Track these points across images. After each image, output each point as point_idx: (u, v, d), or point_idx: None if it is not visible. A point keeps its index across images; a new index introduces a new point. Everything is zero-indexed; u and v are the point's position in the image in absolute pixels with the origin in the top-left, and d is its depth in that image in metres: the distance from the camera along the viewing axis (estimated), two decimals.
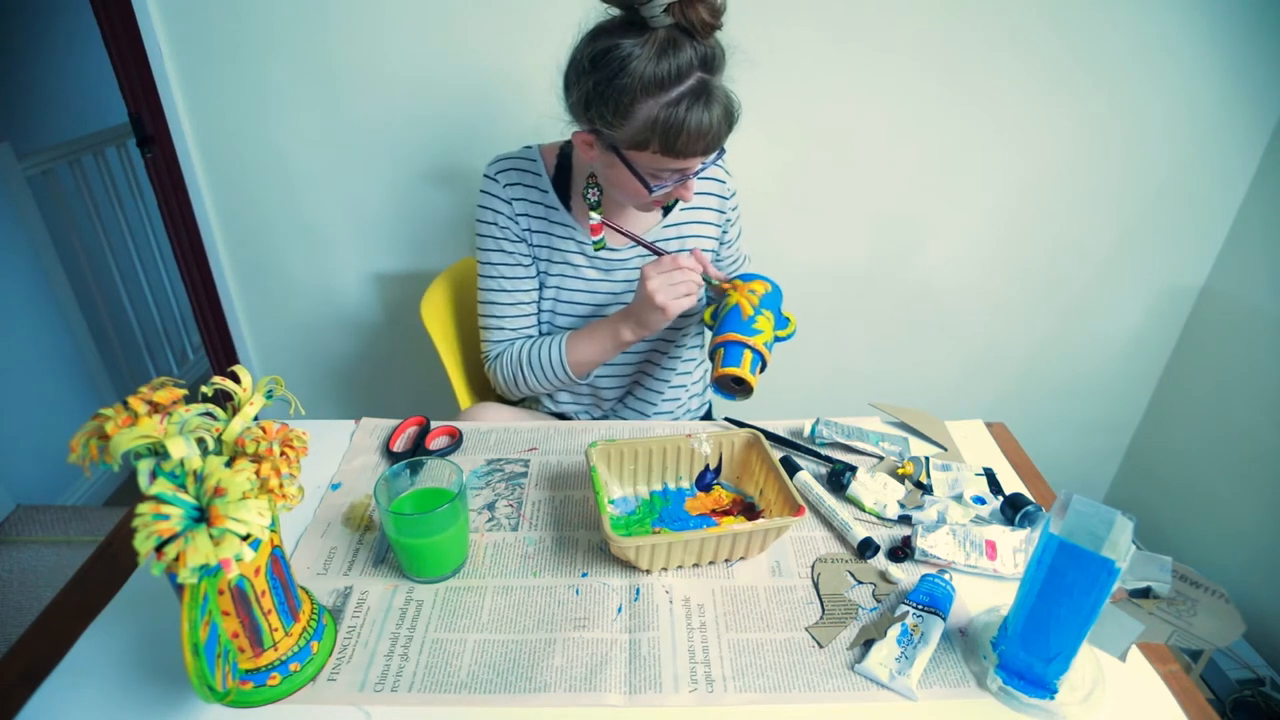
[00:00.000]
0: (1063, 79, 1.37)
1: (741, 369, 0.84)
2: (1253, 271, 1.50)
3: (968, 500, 0.80)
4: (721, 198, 1.06)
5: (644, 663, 0.62)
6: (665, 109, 0.78)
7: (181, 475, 0.49)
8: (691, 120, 0.78)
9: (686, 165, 0.84)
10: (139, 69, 1.36)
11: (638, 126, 0.79)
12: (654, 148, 0.81)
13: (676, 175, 0.85)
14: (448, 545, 0.68)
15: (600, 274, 1.01)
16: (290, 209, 1.49)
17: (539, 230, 0.99)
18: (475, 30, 1.31)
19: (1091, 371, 1.71)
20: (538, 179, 0.98)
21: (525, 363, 0.99)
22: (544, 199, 0.98)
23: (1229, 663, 1.37)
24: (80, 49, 2.49)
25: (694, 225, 1.04)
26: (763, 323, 0.88)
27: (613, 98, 0.79)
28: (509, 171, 0.98)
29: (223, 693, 0.50)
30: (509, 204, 0.98)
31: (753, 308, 0.88)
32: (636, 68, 0.77)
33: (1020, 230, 1.53)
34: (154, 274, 2.48)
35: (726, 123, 0.81)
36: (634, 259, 1.02)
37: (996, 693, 0.60)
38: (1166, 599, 0.53)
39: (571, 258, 1.00)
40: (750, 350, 0.85)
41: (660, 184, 0.86)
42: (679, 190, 0.89)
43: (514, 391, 1.04)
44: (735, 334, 0.86)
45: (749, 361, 0.85)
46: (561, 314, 1.03)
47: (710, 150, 0.83)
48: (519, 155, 1.00)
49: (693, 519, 0.76)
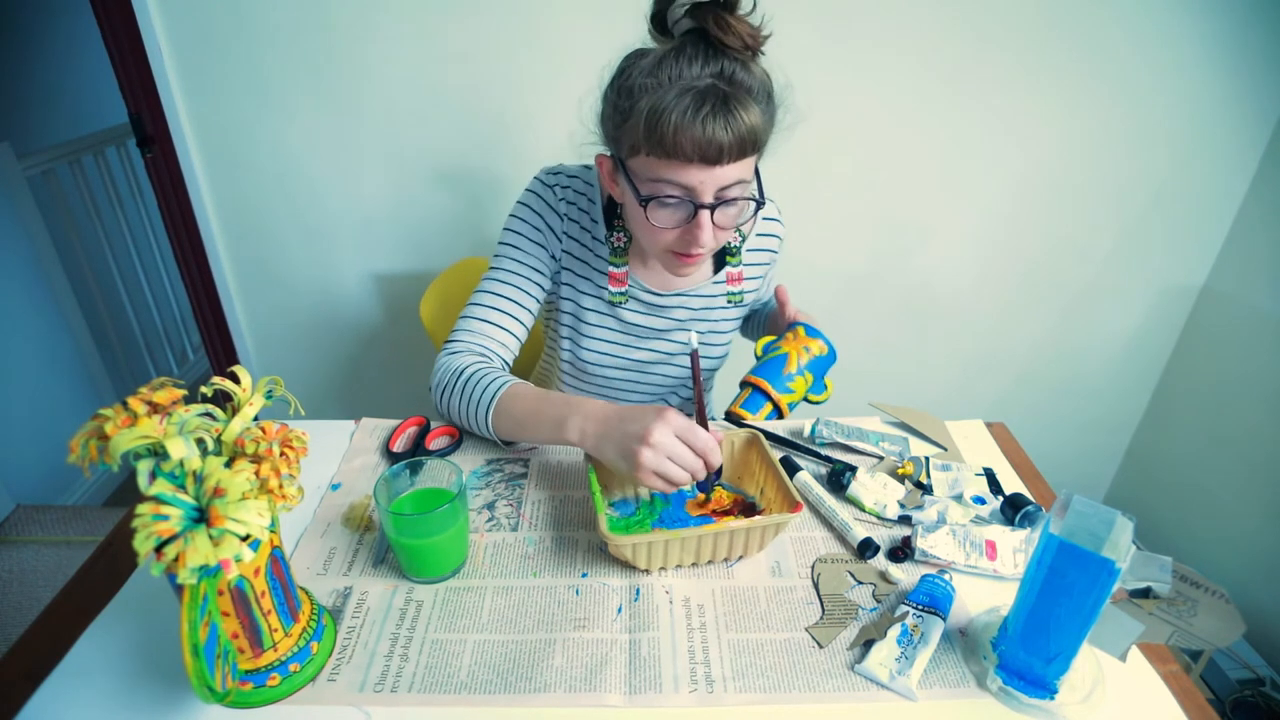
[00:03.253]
0: (1063, 79, 1.37)
1: (754, 418, 0.87)
2: (1253, 271, 1.50)
3: (968, 500, 0.80)
4: (773, 252, 1.02)
5: (644, 663, 0.62)
6: (659, 94, 0.71)
7: (181, 476, 0.49)
8: (680, 108, 0.69)
9: (685, 176, 0.73)
10: (139, 69, 1.36)
11: (633, 124, 0.73)
12: (644, 146, 0.73)
13: (677, 194, 0.75)
14: (447, 545, 0.68)
15: (637, 315, 0.96)
16: (290, 209, 1.49)
17: (580, 259, 0.93)
18: (475, 31, 1.31)
19: (1091, 371, 1.71)
20: (591, 206, 0.92)
21: (459, 381, 0.84)
22: (593, 228, 0.92)
23: (1229, 663, 1.37)
24: (80, 49, 2.49)
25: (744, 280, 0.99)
26: (799, 383, 0.89)
27: (619, 103, 0.75)
28: (566, 189, 0.91)
29: (222, 693, 0.50)
30: (561, 219, 0.91)
31: (798, 366, 0.89)
32: (644, 65, 0.73)
33: (1020, 230, 1.53)
34: (154, 274, 2.48)
35: (734, 129, 0.70)
36: (675, 306, 0.96)
37: (996, 693, 0.60)
38: (1166, 599, 0.53)
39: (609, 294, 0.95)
40: (771, 404, 0.88)
41: (659, 202, 0.76)
42: (689, 231, 0.77)
43: (438, 404, 0.88)
44: (767, 384, 0.87)
45: (765, 414, 0.87)
46: (587, 348, 0.98)
47: (709, 159, 0.71)
48: (578, 175, 0.93)
49: (693, 520, 0.76)
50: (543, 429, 0.78)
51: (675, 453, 0.68)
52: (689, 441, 0.68)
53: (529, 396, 0.80)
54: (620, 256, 0.91)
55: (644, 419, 0.69)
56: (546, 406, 0.78)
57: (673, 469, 0.68)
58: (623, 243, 0.90)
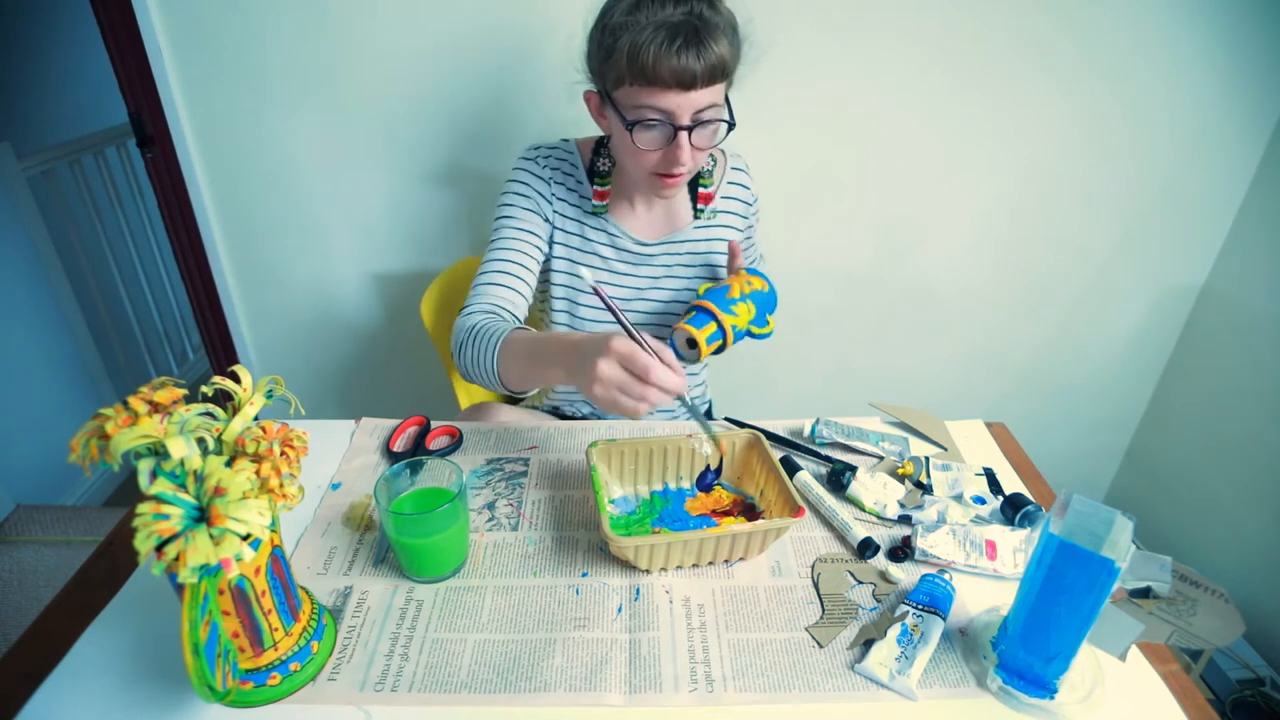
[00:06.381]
0: (1064, 79, 1.37)
1: (699, 332, 0.87)
2: (1253, 271, 1.50)
3: (968, 500, 0.80)
4: (745, 203, 1.07)
5: (644, 663, 0.62)
6: (638, 31, 0.79)
7: (181, 475, 0.49)
8: (660, 39, 0.77)
9: (664, 100, 0.80)
10: (139, 69, 1.36)
11: (616, 59, 0.81)
12: (628, 77, 0.81)
13: (658, 117, 0.82)
14: (448, 545, 0.68)
15: (629, 267, 1.02)
16: (290, 209, 1.49)
17: (571, 218, 1.00)
18: (475, 30, 1.31)
19: (1091, 371, 1.71)
20: (575, 169, 0.99)
21: (469, 336, 0.86)
22: (579, 189, 0.99)
23: (1229, 663, 1.37)
24: (80, 49, 2.49)
25: (720, 229, 1.04)
26: (741, 309, 0.90)
27: (603, 40, 0.82)
28: (549, 159, 0.99)
29: (223, 692, 0.50)
30: (548, 184, 0.98)
31: (741, 293, 0.91)
32: (623, 6, 0.80)
33: (1020, 230, 1.53)
34: (154, 274, 2.48)
35: (705, 59, 0.78)
36: (661, 254, 1.02)
37: (996, 693, 0.60)
38: (1166, 599, 0.53)
39: (601, 249, 1.00)
40: (715, 323, 0.88)
41: (643, 126, 0.83)
42: (671, 152, 0.84)
43: (458, 365, 0.90)
44: (712, 304, 0.89)
45: (709, 332, 0.88)
46: (584, 304, 1.03)
47: (684, 84, 0.79)
48: (557, 146, 1.01)
49: (693, 519, 0.76)
50: (535, 370, 0.79)
51: (622, 382, 0.66)
52: (631, 368, 0.66)
53: (527, 339, 0.81)
54: (604, 179, 0.98)
55: (593, 350, 0.68)
56: (542, 346, 0.79)
57: (625, 401, 0.67)
58: (606, 167, 0.97)
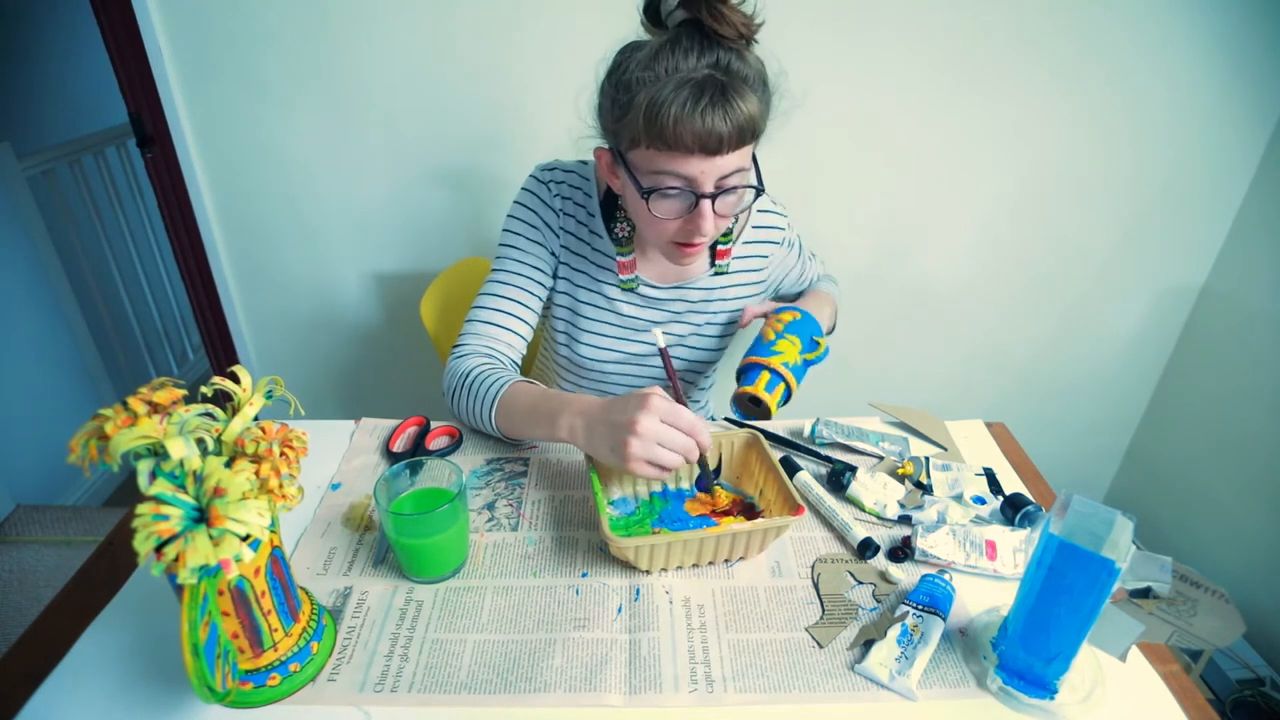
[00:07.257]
0: (1064, 79, 1.37)
1: (755, 388, 0.87)
2: (1253, 271, 1.50)
3: (968, 500, 0.80)
4: (775, 244, 1.01)
5: (644, 663, 0.62)
6: (658, 88, 0.71)
7: (181, 475, 0.49)
8: (682, 98, 0.70)
9: (685, 167, 0.74)
10: (139, 69, 1.36)
11: (632, 117, 0.74)
12: (644, 139, 0.73)
13: (678, 185, 0.76)
14: (447, 545, 0.68)
15: (635, 308, 0.97)
16: (290, 208, 1.49)
17: (577, 253, 0.94)
18: (475, 31, 1.31)
19: (1092, 371, 1.71)
20: (588, 200, 0.93)
21: (465, 382, 0.86)
22: (590, 222, 0.93)
23: (1229, 663, 1.37)
24: (80, 49, 2.50)
25: (739, 275, 0.99)
26: (784, 346, 0.89)
27: (618, 97, 0.75)
28: (561, 186, 0.92)
29: (222, 693, 0.50)
30: (557, 215, 0.92)
31: (775, 334, 0.90)
32: (640, 58, 0.73)
33: (1020, 230, 1.53)
34: (154, 274, 2.48)
35: (733, 119, 0.71)
36: (672, 300, 0.97)
37: (996, 693, 0.60)
38: (1166, 599, 0.53)
39: (606, 288, 0.96)
40: (768, 371, 0.87)
41: (661, 194, 0.76)
42: (692, 221, 0.78)
43: (450, 407, 0.90)
44: (754, 357, 0.89)
45: (765, 381, 0.87)
46: (585, 343, 0.99)
47: (709, 149, 0.72)
48: (574, 170, 0.94)
49: (692, 520, 0.76)
50: (538, 426, 0.78)
51: (664, 437, 0.67)
52: (674, 423, 0.68)
53: (527, 394, 0.81)
54: (626, 246, 0.92)
55: (628, 409, 0.68)
56: (542, 403, 0.78)
57: (663, 454, 0.67)
58: (626, 233, 0.91)
